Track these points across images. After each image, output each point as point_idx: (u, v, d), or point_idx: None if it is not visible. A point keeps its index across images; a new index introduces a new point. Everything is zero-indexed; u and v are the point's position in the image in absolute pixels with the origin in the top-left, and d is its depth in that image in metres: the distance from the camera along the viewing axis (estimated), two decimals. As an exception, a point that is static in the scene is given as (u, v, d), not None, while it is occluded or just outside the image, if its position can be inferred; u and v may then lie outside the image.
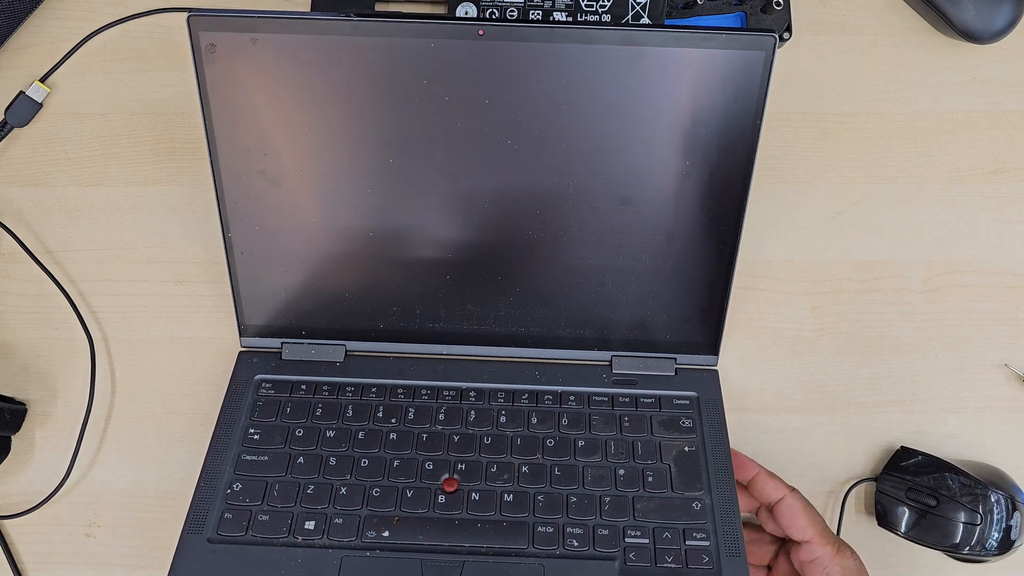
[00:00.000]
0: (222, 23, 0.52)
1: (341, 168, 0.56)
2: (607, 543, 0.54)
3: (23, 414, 0.61)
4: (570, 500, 0.55)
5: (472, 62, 0.53)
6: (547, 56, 0.52)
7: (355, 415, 0.59)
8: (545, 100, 0.54)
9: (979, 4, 0.65)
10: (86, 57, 0.68)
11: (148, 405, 0.62)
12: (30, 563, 0.59)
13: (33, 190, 0.66)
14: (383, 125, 0.55)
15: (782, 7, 0.65)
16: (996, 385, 0.62)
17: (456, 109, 0.54)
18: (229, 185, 0.57)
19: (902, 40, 0.68)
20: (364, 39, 0.52)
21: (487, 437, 0.58)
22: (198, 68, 0.53)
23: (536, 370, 0.61)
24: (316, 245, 0.58)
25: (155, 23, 0.68)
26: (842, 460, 0.61)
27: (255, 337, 0.61)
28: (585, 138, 0.55)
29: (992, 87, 0.67)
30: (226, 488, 0.56)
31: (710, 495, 0.55)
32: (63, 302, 0.63)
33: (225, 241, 0.58)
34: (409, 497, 0.55)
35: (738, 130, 0.54)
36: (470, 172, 0.56)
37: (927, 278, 0.64)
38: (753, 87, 0.53)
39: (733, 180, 0.55)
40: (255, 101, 0.54)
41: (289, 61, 0.53)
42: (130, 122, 0.67)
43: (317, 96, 0.54)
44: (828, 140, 0.66)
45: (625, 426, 0.58)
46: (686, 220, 0.57)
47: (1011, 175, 0.66)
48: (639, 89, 0.53)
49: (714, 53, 0.52)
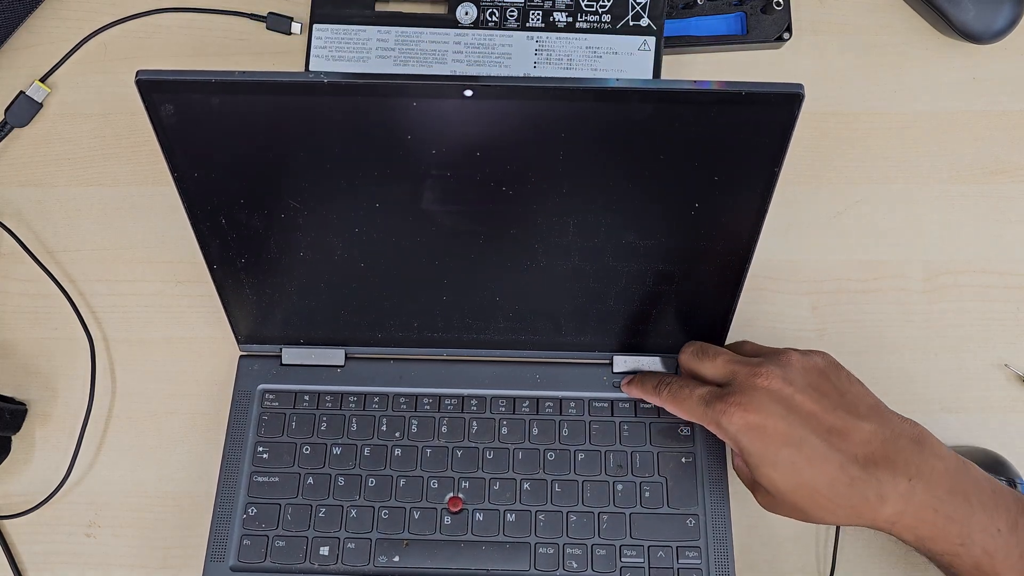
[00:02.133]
0: (176, 86, 0.45)
1: (325, 212, 0.52)
2: (604, 564, 0.55)
3: (23, 414, 0.61)
4: (570, 519, 0.56)
5: (460, 120, 0.47)
6: (541, 113, 0.47)
7: (359, 429, 0.59)
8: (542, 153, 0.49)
9: (979, 4, 0.65)
10: (86, 57, 0.68)
11: (148, 405, 0.62)
12: (30, 563, 0.59)
13: (33, 190, 0.66)
14: (366, 174, 0.50)
15: (782, 7, 0.65)
16: (996, 385, 0.62)
17: (445, 160, 0.49)
18: (206, 229, 0.53)
19: (902, 40, 0.68)
20: (338, 99, 0.46)
21: (489, 451, 0.58)
22: (156, 127, 0.47)
23: (537, 373, 0.61)
24: (305, 276, 0.56)
25: (155, 23, 0.68)
26: (842, 460, 0.61)
27: (254, 344, 0.61)
28: (586, 185, 0.51)
29: (992, 87, 0.67)
30: (242, 513, 0.57)
31: (703, 511, 0.56)
32: (63, 302, 0.63)
33: (211, 272, 0.56)
34: (416, 519, 0.57)
35: (755, 176, 0.50)
36: (462, 216, 0.53)
37: (927, 278, 0.64)
38: (774, 140, 0.48)
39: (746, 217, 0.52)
40: (224, 157, 0.49)
41: (256, 119, 0.47)
42: (130, 122, 0.67)
43: (290, 151, 0.49)
44: (828, 140, 0.66)
45: (624, 436, 0.59)
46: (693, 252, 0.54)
47: (1011, 175, 0.66)
48: (645, 143, 0.48)
49: (732, 109, 0.46)
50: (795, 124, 0.47)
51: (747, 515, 0.58)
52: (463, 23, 0.65)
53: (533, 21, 0.65)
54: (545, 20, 0.65)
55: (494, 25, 0.65)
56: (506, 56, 0.65)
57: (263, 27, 0.68)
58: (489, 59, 0.65)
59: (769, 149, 0.48)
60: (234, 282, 0.57)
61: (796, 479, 0.49)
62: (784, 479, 0.49)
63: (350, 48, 0.65)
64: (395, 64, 0.65)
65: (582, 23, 0.65)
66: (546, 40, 0.65)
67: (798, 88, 0.46)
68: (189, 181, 0.50)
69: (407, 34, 0.65)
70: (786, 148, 0.48)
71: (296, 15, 0.68)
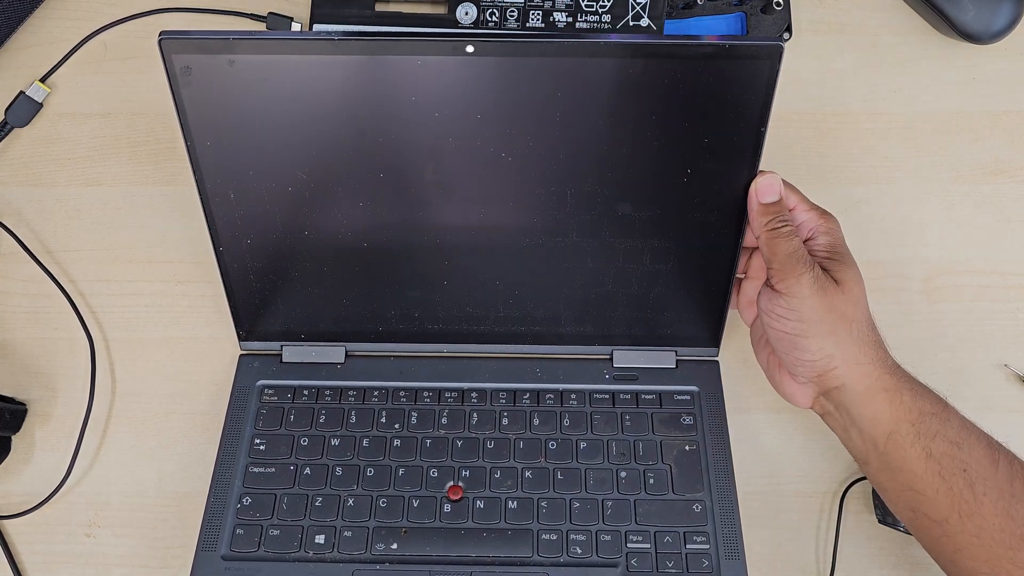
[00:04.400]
0: (196, 45, 0.48)
1: (330, 184, 0.54)
2: (609, 549, 0.54)
3: (23, 414, 0.61)
4: (573, 506, 0.56)
5: (462, 78, 0.50)
6: (540, 70, 0.50)
7: (359, 421, 0.59)
8: (539, 113, 0.51)
9: (979, 4, 0.65)
10: (86, 57, 0.68)
11: (148, 405, 0.62)
12: (30, 563, 0.59)
13: (33, 190, 0.66)
14: (371, 141, 0.52)
15: (782, 7, 0.66)
16: (996, 385, 0.62)
17: (447, 124, 0.51)
18: (216, 203, 0.55)
19: (902, 40, 0.68)
20: (346, 58, 0.49)
21: (490, 441, 0.58)
22: (174, 90, 0.50)
23: (537, 367, 0.61)
24: (309, 258, 0.57)
25: (155, 23, 0.68)
26: (843, 460, 0.61)
27: (254, 341, 0.61)
28: (583, 148, 0.53)
29: (992, 87, 0.67)
30: (236, 503, 0.56)
31: (710, 496, 0.56)
32: (63, 302, 0.63)
33: (217, 254, 0.57)
34: (415, 507, 0.56)
35: (742, 136, 0.52)
36: (464, 185, 0.54)
37: (927, 278, 0.64)
38: (758, 95, 0.51)
39: (736, 181, 0.54)
40: (237, 123, 0.52)
41: (270, 83, 0.50)
42: (130, 122, 0.67)
43: (301, 116, 0.51)
44: (828, 140, 0.66)
45: (626, 425, 0.58)
46: (688, 222, 0.56)
47: (1011, 175, 0.66)
48: (638, 100, 0.51)
49: (718, 63, 0.50)
50: (777, 79, 0.50)
51: (747, 514, 0.58)
52: (463, 23, 0.65)
53: (533, 21, 0.65)
54: (545, 20, 0.65)
55: (494, 25, 0.65)
56: (506, 56, 0.65)
57: (263, 27, 0.68)
58: (489, 59, 0.65)
59: (755, 107, 0.51)
60: (239, 266, 0.57)
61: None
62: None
63: (350, 48, 0.65)
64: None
65: (582, 23, 0.65)
66: (546, 40, 0.65)
67: (779, 41, 0.49)
68: (202, 150, 0.52)
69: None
70: (770, 105, 0.51)
71: (296, 15, 0.68)
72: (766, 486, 0.60)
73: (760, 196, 0.53)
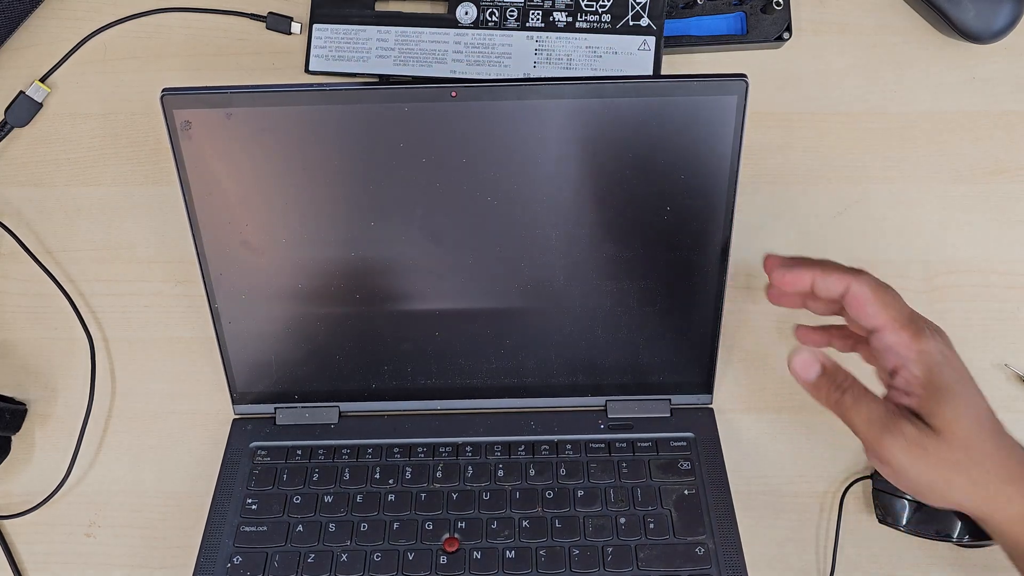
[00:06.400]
0: (196, 100, 0.52)
1: (323, 234, 0.55)
2: None
3: (23, 414, 0.61)
4: (572, 553, 0.55)
5: (447, 123, 0.52)
6: (521, 113, 0.52)
7: (352, 478, 0.58)
8: (522, 155, 0.53)
9: (979, 4, 0.65)
10: (86, 57, 0.68)
11: (148, 405, 0.62)
12: (30, 563, 0.59)
13: (33, 190, 0.66)
14: (362, 190, 0.54)
15: (782, 7, 0.65)
16: (996, 385, 0.62)
17: (434, 170, 0.53)
18: (213, 257, 0.56)
19: (902, 40, 0.68)
20: (338, 107, 0.52)
21: (486, 492, 0.57)
22: (174, 145, 0.53)
23: (531, 420, 0.61)
24: (304, 310, 0.58)
25: (155, 23, 0.68)
26: (842, 460, 0.61)
27: (248, 404, 0.61)
28: (565, 190, 0.54)
29: (992, 87, 0.67)
30: (226, 562, 0.55)
31: (712, 538, 0.55)
32: (63, 302, 0.63)
33: (212, 312, 0.57)
34: (411, 560, 0.55)
35: (716, 172, 0.53)
36: (452, 231, 0.55)
37: (927, 278, 0.64)
38: (728, 129, 0.52)
39: (715, 218, 0.55)
40: (234, 174, 0.54)
41: (265, 133, 0.52)
42: (130, 122, 0.67)
43: (295, 165, 0.53)
44: (828, 140, 0.66)
45: (623, 472, 0.58)
46: (671, 262, 0.56)
47: (1011, 175, 0.66)
48: (616, 139, 0.52)
49: (686, 100, 0.51)
50: (745, 110, 0.51)
51: (747, 515, 0.58)
52: (463, 23, 0.65)
53: (533, 21, 0.65)
54: (545, 20, 0.65)
55: (494, 25, 0.65)
56: (506, 56, 0.65)
57: (263, 27, 0.68)
58: (489, 59, 0.65)
59: (726, 140, 0.52)
60: (234, 324, 0.57)
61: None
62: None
63: (350, 48, 0.65)
64: (394, 64, 0.65)
65: (582, 23, 0.65)
66: (546, 40, 0.65)
67: (742, 77, 0.51)
68: (202, 200, 0.54)
69: (407, 34, 0.65)
70: (740, 139, 0.52)
71: (296, 15, 0.68)
72: (765, 487, 0.60)
73: (800, 379, 0.48)
